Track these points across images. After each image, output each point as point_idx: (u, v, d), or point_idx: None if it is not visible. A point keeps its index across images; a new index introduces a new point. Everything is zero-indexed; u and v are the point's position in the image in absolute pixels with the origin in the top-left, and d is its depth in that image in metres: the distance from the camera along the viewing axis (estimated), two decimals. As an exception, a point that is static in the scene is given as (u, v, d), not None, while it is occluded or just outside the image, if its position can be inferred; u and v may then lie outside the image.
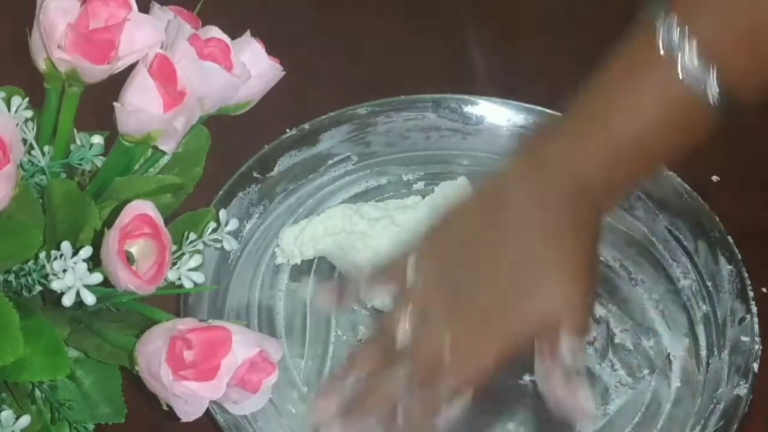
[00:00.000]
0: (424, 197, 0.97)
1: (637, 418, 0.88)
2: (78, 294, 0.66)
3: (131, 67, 0.70)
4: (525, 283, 0.79)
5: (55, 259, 0.67)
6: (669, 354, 0.91)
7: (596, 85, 0.80)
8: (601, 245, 0.82)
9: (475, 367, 0.80)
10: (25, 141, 0.71)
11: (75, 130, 0.73)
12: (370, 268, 0.86)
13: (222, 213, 0.73)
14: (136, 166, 0.73)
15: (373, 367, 0.80)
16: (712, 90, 0.75)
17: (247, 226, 0.96)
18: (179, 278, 0.69)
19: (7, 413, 0.69)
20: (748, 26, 0.75)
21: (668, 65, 0.75)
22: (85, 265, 0.66)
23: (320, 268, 0.95)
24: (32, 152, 0.71)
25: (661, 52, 0.75)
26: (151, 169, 0.74)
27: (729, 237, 0.93)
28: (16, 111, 0.71)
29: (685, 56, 0.74)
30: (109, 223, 0.68)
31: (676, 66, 0.75)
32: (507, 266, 0.80)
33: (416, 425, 0.79)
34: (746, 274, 0.92)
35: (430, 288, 0.81)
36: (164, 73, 0.69)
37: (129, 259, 0.67)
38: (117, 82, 0.70)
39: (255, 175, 0.97)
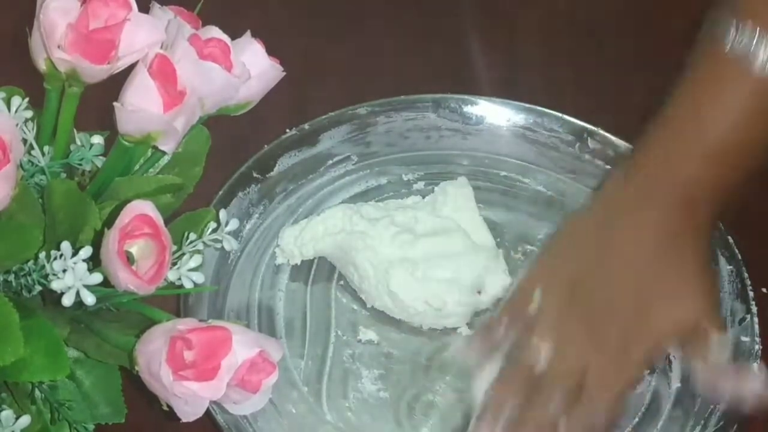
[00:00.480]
0: (424, 197, 0.97)
1: (637, 418, 0.88)
2: (78, 294, 0.66)
3: (131, 67, 0.70)
4: (654, 296, 0.83)
5: (55, 259, 0.67)
6: (669, 354, 0.91)
7: (679, 98, 0.84)
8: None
9: (621, 384, 0.82)
10: (25, 141, 0.71)
11: (75, 130, 0.73)
12: (501, 306, 0.88)
13: (222, 213, 0.73)
14: (136, 166, 0.73)
15: (521, 399, 0.82)
16: None
17: (247, 227, 0.96)
18: (179, 278, 0.69)
19: (7, 413, 0.69)
20: None
21: (745, 65, 0.80)
22: (85, 265, 0.66)
23: (320, 268, 0.95)
24: (32, 152, 0.71)
25: (734, 54, 0.80)
26: (151, 169, 0.74)
27: (729, 237, 0.93)
28: (16, 111, 0.71)
29: (761, 54, 0.80)
30: (109, 223, 0.67)
31: (753, 64, 0.80)
32: (633, 282, 0.83)
33: None
34: (746, 274, 0.92)
35: (558, 313, 0.83)
36: (164, 73, 0.69)
37: (129, 259, 0.67)
38: (117, 82, 0.70)
39: (255, 175, 0.97)
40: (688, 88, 0.84)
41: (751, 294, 0.91)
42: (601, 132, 1.01)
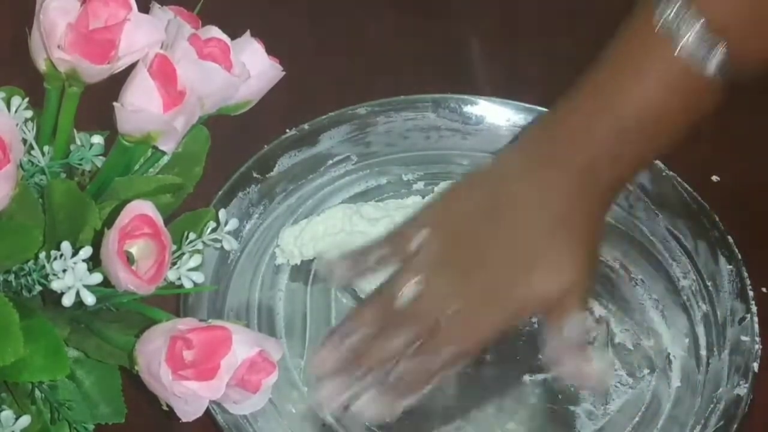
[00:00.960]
0: (424, 197, 0.97)
1: (637, 418, 0.88)
2: (78, 294, 0.66)
3: (131, 67, 0.70)
4: (534, 259, 0.82)
5: (55, 259, 0.67)
6: (669, 354, 0.91)
7: (599, 67, 0.83)
8: (604, 231, 0.85)
9: (478, 334, 0.81)
10: (25, 141, 0.71)
11: (75, 130, 0.73)
12: (379, 239, 0.87)
13: (222, 213, 0.73)
14: (136, 166, 0.73)
15: (373, 328, 0.82)
16: (712, 66, 0.78)
17: (247, 227, 0.96)
18: (179, 278, 0.69)
19: (7, 413, 0.69)
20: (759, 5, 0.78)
21: (668, 45, 0.78)
22: (85, 265, 0.66)
23: (320, 268, 0.95)
24: (32, 152, 0.71)
25: (659, 30, 0.78)
26: (151, 169, 0.74)
27: (729, 237, 0.93)
28: (16, 111, 0.71)
29: (686, 33, 0.77)
30: (109, 223, 0.67)
31: (676, 44, 0.77)
32: (516, 242, 0.82)
33: (410, 387, 0.81)
34: (746, 274, 0.92)
35: (436, 256, 0.83)
36: (164, 73, 0.69)
37: (129, 259, 0.67)
38: (117, 82, 0.70)
39: (255, 175, 0.97)
40: (611, 57, 0.82)
41: (751, 294, 0.91)
42: (601, 132, 1.00)
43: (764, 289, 0.93)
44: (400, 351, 0.81)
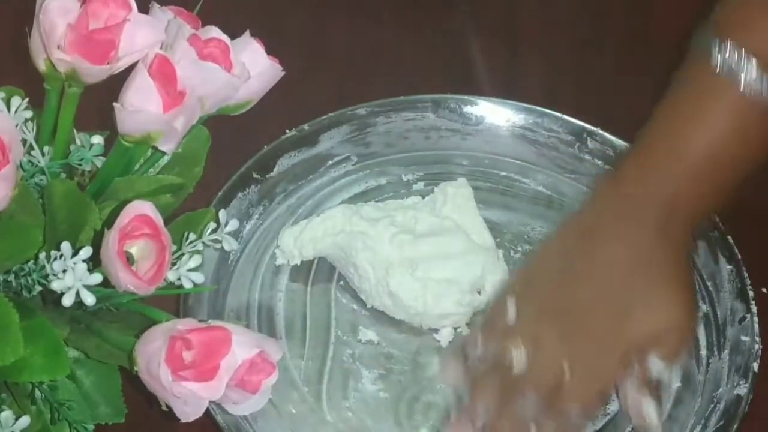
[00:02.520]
0: (424, 197, 0.97)
1: (637, 418, 0.88)
2: (78, 294, 0.66)
3: (131, 67, 0.70)
4: (630, 300, 0.83)
5: (55, 259, 0.67)
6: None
7: (662, 114, 0.85)
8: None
9: (597, 387, 0.82)
10: (24, 141, 0.71)
11: (75, 130, 0.73)
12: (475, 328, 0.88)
13: (222, 213, 0.73)
14: (136, 166, 0.73)
15: (496, 398, 0.82)
16: None
17: (247, 227, 0.96)
18: (179, 278, 0.69)
19: (7, 413, 0.69)
20: None
21: (728, 84, 0.81)
22: (85, 266, 0.66)
23: (320, 268, 0.95)
24: (32, 152, 0.71)
25: (719, 73, 0.81)
26: (151, 169, 0.74)
27: (729, 237, 0.93)
28: (16, 111, 0.71)
29: (745, 73, 0.81)
30: (109, 223, 0.67)
31: (737, 83, 0.81)
32: (608, 287, 0.83)
33: None
34: (746, 274, 0.92)
35: (535, 318, 0.84)
36: (164, 73, 0.69)
37: (129, 259, 0.67)
38: (117, 82, 0.70)
39: (255, 175, 0.97)
40: (670, 104, 0.84)
41: (751, 294, 0.91)
42: (601, 132, 1.01)
43: (764, 289, 0.93)
44: (531, 418, 0.81)
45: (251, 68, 0.73)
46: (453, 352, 0.88)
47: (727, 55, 0.81)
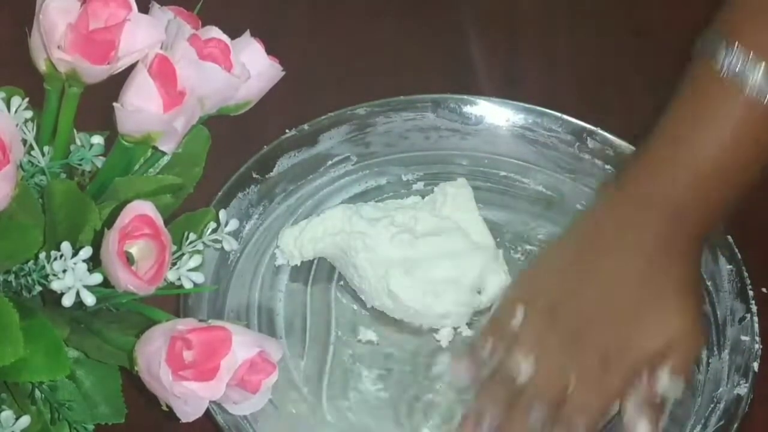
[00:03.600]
0: (423, 197, 0.97)
1: (637, 418, 0.88)
2: (78, 294, 0.66)
3: (131, 67, 0.70)
4: (637, 311, 0.82)
5: (55, 259, 0.67)
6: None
7: (669, 118, 0.84)
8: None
9: (603, 399, 0.82)
10: (25, 141, 0.71)
11: (75, 130, 0.73)
12: (484, 325, 0.88)
13: (222, 213, 0.73)
14: (136, 167, 0.73)
15: (503, 403, 0.82)
16: None
17: (247, 227, 0.96)
18: (179, 278, 0.69)
19: (7, 413, 0.69)
20: None
21: (734, 88, 0.80)
22: (85, 266, 0.66)
23: (320, 268, 0.95)
24: (32, 152, 0.71)
25: (725, 76, 0.80)
26: (151, 170, 0.74)
27: (729, 237, 0.93)
28: (16, 111, 0.71)
29: (752, 76, 0.80)
30: (109, 223, 0.67)
31: (743, 87, 0.80)
32: (615, 297, 0.83)
33: None
34: (746, 274, 0.92)
35: (541, 329, 0.84)
36: (164, 73, 0.69)
37: (129, 259, 0.67)
38: (117, 82, 0.70)
39: (254, 175, 0.97)
40: (675, 108, 0.84)
41: (751, 293, 0.91)
42: (601, 132, 1.01)
43: (764, 289, 0.93)
44: (537, 427, 0.82)
45: (251, 68, 0.73)
46: (466, 352, 0.88)
47: (732, 58, 0.80)
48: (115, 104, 0.69)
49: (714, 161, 0.82)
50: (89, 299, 0.66)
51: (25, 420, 0.69)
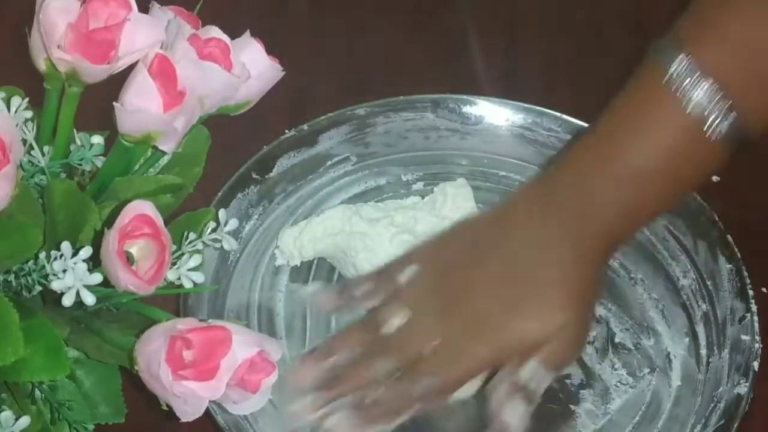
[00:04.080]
0: (423, 197, 0.97)
1: (637, 418, 0.88)
2: (78, 294, 0.66)
3: (131, 67, 0.70)
4: (524, 299, 0.82)
5: (55, 259, 0.67)
6: (669, 353, 0.91)
7: (607, 119, 0.83)
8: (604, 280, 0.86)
9: (456, 371, 0.82)
10: (25, 141, 0.71)
11: (75, 130, 0.73)
12: (368, 272, 0.87)
13: (221, 213, 0.73)
14: (136, 166, 0.73)
15: (355, 352, 0.82)
16: (721, 125, 0.78)
17: (247, 227, 0.96)
18: (179, 278, 0.69)
19: (7, 413, 0.69)
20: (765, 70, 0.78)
21: (674, 100, 0.78)
22: (85, 266, 0.66)
23: (320, 269, 0.95)
24: (32, 152, 0.71)
25: (671, 88, 0.78)
26: (151, 169, 0.74)
27: (729, 236, 0.93)
28: (16, 111, 0.71)
29: (696, 92, 0.78)
30: (109, 223, 0.68)
31: (686, 101, 0.78)
32: (507, 281, 0.82)
33: (384, 415, 0.81)
34: (746, 273, 0.92)
35: (424, 291, 0.84)
36: (164, 73, 0.69)
37: (129, 259, 0.67)
38: (117, 82, 0.70)
39: (254, 176, 0.97)
40: (620, 107, 0.82)
41: (751, 293, 0.91)
42: (601, 132, 1.00)
43: (764, 289, 0.93)
44: (379, 378, 0.82)
45: (251, 68, 0.73)
46: (339, 287, 0.89)
47: (680, 69, 0.78)
48: (115, 104, 0.69)
49: (641, 172, 0.80)
50: (89, 299, 0.66)
51: (25, 420, 0.69)
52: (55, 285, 0.66)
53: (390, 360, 0.82)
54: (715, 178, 0.99)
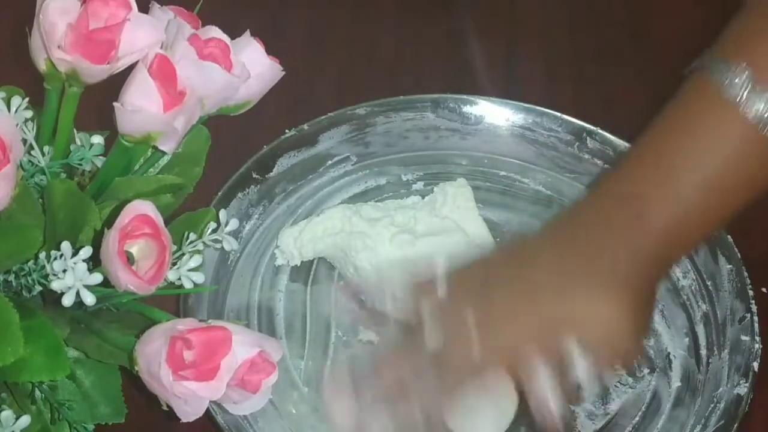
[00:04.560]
0: (423, 197, 0.97)
1: (637, 418, 0.88)
2: (78, 294, 0.66)
3: (131, 67, 0.70)
4: (574, 305, 0.77)
5: (55, 259, 0.67)
6: (669, 353, 0.91)
7: (657, 133, 0.80)
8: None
9: (501, 343, 0.77)
10: (25, 141, 0.71)
11: (75, 130, 0.73)
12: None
13: (222, 213, 0.73)
14: (136, 166, 0.73)
15: (402, 375, 0.79)
16: None
17: (247, 227, 0.96)
18: (179, 278, 0.69)
19: (7, 413, 0.69)
20: None
21: (732, 110, 0.76)
22: (85, 265, 0.66)
23: (320, 268, 0.95)
24: (32, 152, 0.71)
25: (729, 100, 0.76)
26: (151, 169, 0.74)
27: (729, 237, 0.93)
28: (16, 111, 0.71)
29: (758, 101, 0.75)
30: (109, 223, 0.68)
31: (742, 110, 0.76)
32: (561, 289, 0.78)
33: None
34: (746, 274, 0.92)
35: (464, 304, 0.80)
36: (164, 73, 0.69)
37: (129, 259, 0.67)
38: (117, 82, 0.70)
39: (254, 175, 0.97)
40: (668, 121, 0.80)
41: (750, 293, 0.91)
42: (601, 132, 1.00)
43: (764, 289, 0.93)
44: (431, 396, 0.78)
45: (251, 68, 0.73)
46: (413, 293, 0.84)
47: (738, 80, 0.76)
48: (115, 104, 0.69)
49: (698, 187, 0.78)
50: (89, 299, 0.66)
51: (25, 420, 0.69)
52: (55, 285, 0.66)
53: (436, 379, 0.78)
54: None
